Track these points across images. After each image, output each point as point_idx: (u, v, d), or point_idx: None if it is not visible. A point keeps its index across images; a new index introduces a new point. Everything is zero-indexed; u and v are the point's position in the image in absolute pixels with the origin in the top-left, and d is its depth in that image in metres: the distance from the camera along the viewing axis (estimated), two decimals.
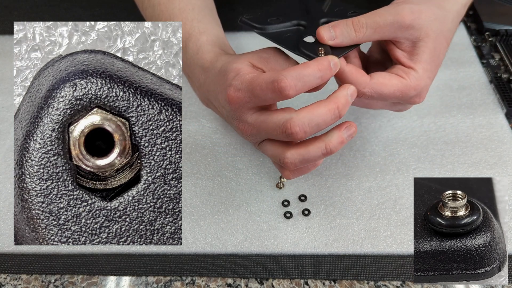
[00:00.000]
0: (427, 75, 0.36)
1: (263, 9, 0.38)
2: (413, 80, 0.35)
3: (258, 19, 0.37)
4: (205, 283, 0.39)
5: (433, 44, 0.35)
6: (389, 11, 0.34)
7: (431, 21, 0.35)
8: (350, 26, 0.34)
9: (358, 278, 0.38)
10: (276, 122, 0.32)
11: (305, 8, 0.38)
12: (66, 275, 0.39)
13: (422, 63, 0.35)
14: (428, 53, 0.35)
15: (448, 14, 0.37)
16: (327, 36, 0.34)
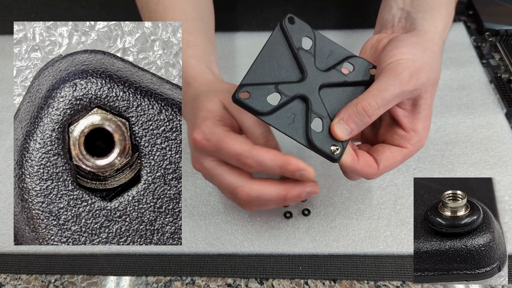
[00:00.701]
0: (427, 130, 0.36)
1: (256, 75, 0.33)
2: (416, 144, 0.35)
3: (256, 99, 0.32)
4: (205, 283, 0.39)
5: (431, 97, 0.36)
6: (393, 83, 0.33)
7: (428, 75, 0.35)
8: (363, 113, 0.33)
9: (358, 278, 0.38)
10: (229, 183, 0.34)
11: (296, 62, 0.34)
12: (66, 275, 0.39)
13: (423, 121, 0.35)
14: (428, 109, 0.35)
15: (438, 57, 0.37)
16: (343, 135, 0.33)
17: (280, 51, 0.34)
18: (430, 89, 0.35)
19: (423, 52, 0.36)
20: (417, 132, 0.35)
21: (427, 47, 0.37)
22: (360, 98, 0.33)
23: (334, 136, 0.32)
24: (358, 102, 0.33)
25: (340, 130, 0.33)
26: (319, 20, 0.63)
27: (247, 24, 0.63)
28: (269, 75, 0.33)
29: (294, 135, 0.32)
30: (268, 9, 0.65)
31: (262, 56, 0.33)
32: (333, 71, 0.35)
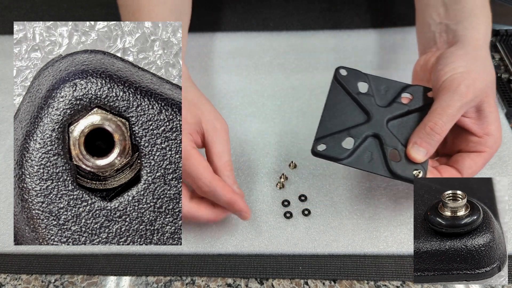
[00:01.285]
0: (500, 130, 0.37)
1: (327, 127, 0.37)
2: (494, 146, 0.37)
3: (332, 148, 0.36)
4: (205, 283, 0.39)
5: (493, 99, 0.37)
6: (454, 98, 0.35)
7: (484, 81, 0.36)
8: (432, 133, 0.35)
9: (358, 278, 0.38)
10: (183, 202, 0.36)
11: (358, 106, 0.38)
12: (66, 275, 0.39)
13: (494, 123, 0.37)
14: (493, 110, 0.37)
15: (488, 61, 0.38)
16: (420, 157, 0.35)
17: (341, 101, 0.38)
18: (490, 92, 0.37)
19: (473, 61, 0.37)
20: (491, 135, 0.37)
21: (476, 55, 0.38)
22: (426, 120, 0.36)
23: (413, 161, 0.35)
24: (425, 124, 0.36)
25: (416, 153, 0.35)
26: (319, 20, 0.63)
27: (247, 24, 0.63)
28: (338, 124, 0.37)
29: (377, 171, 0.35)
30: (268, 9, 0.65)
31: (326, 109, 0.38)
32: (394, 105, 0.38)
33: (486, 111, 0.37)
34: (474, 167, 0.37)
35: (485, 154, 0.37)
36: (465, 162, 0.37)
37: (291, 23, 0.63)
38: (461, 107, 0.35)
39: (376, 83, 0.39)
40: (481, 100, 0.36)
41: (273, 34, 0.61)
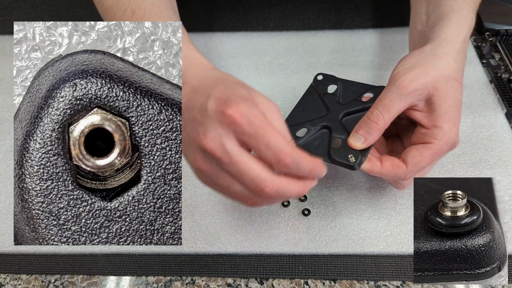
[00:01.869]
0: (452, 124, 0.37)
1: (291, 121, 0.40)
2: (442, 138, 0.37)
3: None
4: (205, 283, 0.39)
5: (445, 93, 0.37)
6: (391, 90, 0.37)
7: (431, 75, 0.37)
8: (369, 122, 0.37)
9: (358, 278, 0.38)
10: (256, 175, 0.31)
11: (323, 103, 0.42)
12: (66, 275, 0.39)
13: (443, 116, 0.37)
14: (445, 105, 0.37)
15: (447, 57, 0.38)
16: (358, 144, 0.37)
17: (310, 100, 0.43)
18: (441, 86, 0.37)
19: (424, 57, 0.38)
20: (439, 127, 0.37)
21: (432, 52, 0.38)
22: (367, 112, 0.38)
23: (351, 146, 0.37)
24: (365, 115, 0.38)
25: (354, 140, 0.37)
26: (319, 20, 0.63)
27: (247, 24, 0.63)
28: (301, 118, 0.41)
29: (318, 154, 0.37)
30: (268, 9, 0.65)
31: (296, 106, 0.42)
32: (354, 102, 0.41)
33: (436, 104, 0.37)
34: (419, 157, 0.37)
35: (432, 145, 0.37)
36: (411, 152, 0.37)
37: (291, 23, 0.63)
38: (397, 99, 0.36)
39: (344, 86, 0.42)
40: (429, 94, 0.37)
41: (273, 34, 0.61)
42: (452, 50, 0.39)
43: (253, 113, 0.31)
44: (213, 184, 0.34)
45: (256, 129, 0.31)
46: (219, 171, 0.32)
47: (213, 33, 0.62)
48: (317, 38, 0.60)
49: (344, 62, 0.57)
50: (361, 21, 0.62)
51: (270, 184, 0.31)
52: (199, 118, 0.32)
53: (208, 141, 0.31)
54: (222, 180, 0.32)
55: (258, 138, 0.31)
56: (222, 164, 0.31)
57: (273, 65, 0.57)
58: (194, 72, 0.36)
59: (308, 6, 0.65)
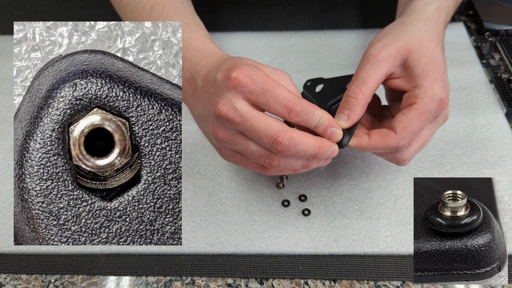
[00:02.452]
0: (433, 79, 0.36)
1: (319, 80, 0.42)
2: (425, 95, 0.35)
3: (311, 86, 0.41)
4: (205, 283, 0.39)
5: (419, 53, 0.36)
6: (363, 62, 0.37)
7: (402, 40, 0.37)
8: (349, 99, 0.36)
9: (358, 278, 0.38)
10: (268, 126, 0.32)
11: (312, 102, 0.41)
12: (66, 275, 0.39)
13: (421, 75, 0.36)
14: (421, 64, 0.36)
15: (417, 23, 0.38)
16: (343, 122, 0.36)
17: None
18: (414, 48, 0.36)
19: (394, 27, 0.38)
20: (419, 86, 0.36)
21: (401, 22, 0.39)
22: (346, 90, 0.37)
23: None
24: (344, 94, 0.37)
25: (337, 119, 0.36)
26: (318, 20, 0.63)
27: (247, 24, 0.63)
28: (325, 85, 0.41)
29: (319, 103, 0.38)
30: (268, 9, 0.65)
31: None
32: (338, 92, 0.39)
33: (412, 66, 0.36)
34: (406, 120, 0.35)
35: (416, 105, 0.35)
36: (397, 118, 0.36)
37: (291, 23, 0.63)
38: (371, 68, 0.36)
39: (330, 83, 0.42)
40: (403, 58, 0.36)
41: (273, 34, 0.61)
42: (421, 16, 0.39)
43: (256, 73, 0.33)
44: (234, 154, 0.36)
45: (262, 85, 0.32)
46: (235, 134, 0.34)
47: (213, 33, 0.61)
48: (317, 38, 0.60)
49: (344, 62, 0.57)
50: (361, 21, 0.62)
51: (282, 133, 0.32)
52: (212, 91, 0.34)
53: (221, 106, 0.33)
54: (239, 143, 0.34)
55: (265, 94, 0.32)
56: (235, 124, 0.33)
57: (273, 65, 0.57)
58: (210, 60, 0.38)
59: (308, 6, 0.65)
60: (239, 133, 0.34)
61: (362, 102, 0.35)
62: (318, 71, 0.56)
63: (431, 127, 0.38)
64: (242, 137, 0.34)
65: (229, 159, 0.36)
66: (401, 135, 0.35)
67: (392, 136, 0.35)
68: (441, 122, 0.38)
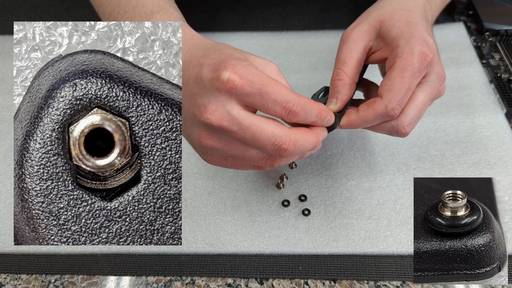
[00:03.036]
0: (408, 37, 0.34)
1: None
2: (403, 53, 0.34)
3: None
4: (205, 283, 0.39)
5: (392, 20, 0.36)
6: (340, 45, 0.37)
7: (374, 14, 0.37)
8: (333, 82, 0.36)
9: (358, 278, 0.38)
10: (271, 133, 0.30)
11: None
12: (66, 275, 0.39)
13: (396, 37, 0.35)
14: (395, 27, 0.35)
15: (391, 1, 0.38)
16: (332, 105, 0.36)
17: None
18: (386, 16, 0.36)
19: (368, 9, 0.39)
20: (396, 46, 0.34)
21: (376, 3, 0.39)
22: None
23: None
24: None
25: (329, 105, 0.36)
26: (318, 20, 0.63)
27: (247, 24, 0.63)
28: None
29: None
30: (268, 9, 0.65)
31: None
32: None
33: (386, 33, 0.35)
34: (389, 81, 0.33)
35: (395, 64, 0.33)
36: (381, 83, 0.34)
37: (291, 23, 0.63)
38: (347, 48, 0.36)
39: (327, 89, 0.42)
40: (376, 30, 0.36)
41: (273, 34, 0.61)
42: None
43: (251, 72, 0.29)
44: (224, 159, 0.33)
45: (259, 87, 0.29)
46: (230, 141, 0.31)
47: (213, 33, 0.62)
48: (317, 38, 0.60)
49: None
50: None
51: (287, 140, 0.30)
52: (196, 91, 0.31)
53: (211, 113, 0.29)
54: (235, 150, 0.31)
55: (263, 96, 0.29)
56: (232, 133, 0.30)
57: None
58: (185, 47, 0.35)
59: (308, 6, 0.65)
60: (234, 140, 0.31)
61: (347, 81, 0.35)
62: (318, 71, 0.56)
63: (425, 87, 0.35)
64: (239, 144, 0.31)
65: (218, 164, 0.34)
66: (386, 97, 0.33)
67: (378, 101, 0.34)
68: (436, 80, 0.35)
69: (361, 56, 0.36)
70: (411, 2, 0.38)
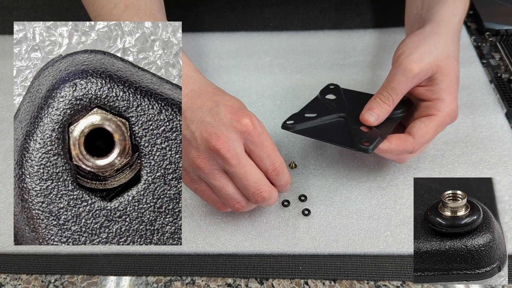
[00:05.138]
0: (453, 97, 0.39)
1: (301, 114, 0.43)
2: (444, 110, 0.39)
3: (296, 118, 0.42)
4: (205, 283, 0.39)
5: (447, 70, 0.39)
6: (397, 72, 0.39)
7: (433, 55, 0.39)
8: (380, 103, 0.39)
9: (358, 278, 0.38)
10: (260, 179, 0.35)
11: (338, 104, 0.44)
12: (66, 275, 0.39)
13: (445, 90, 0.39)
14: (446, 80, 0.39)
15: (446, 36, 0.41)
16: (371, 118, 0.39)
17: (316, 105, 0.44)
18: (443, 64, 0.39)
19: (425, 37, 0.40)
20: (441, 100, 0.39)
21: (432, 31, 0.41)
22: (377, 92, 0.40)
23: (364, 122, 0.39)
24: (375, 96, 0.40)
25: (368, 116, 0.39)
26: (319, 20, 0.63)
27: (247, 24, 0.63)
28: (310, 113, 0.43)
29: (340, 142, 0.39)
30: (268, 9, 0.65)
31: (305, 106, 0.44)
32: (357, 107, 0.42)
33: (438, 80, 0.39)
34: (425, 129, 0.39)
35: (436, 117, 0.39)
36: (416, 125, 0.39)
37: (291, 23, 0.63)
38: (405, 81, 0.39)
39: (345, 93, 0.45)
40: (432, 72, 0.39)
41: (273, 34, 0.61)
42: (450, 30, 0.41)
43: (261, 125, 0.36)
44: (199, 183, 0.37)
45: (263, 140, 0.35)
46: (219, 171, 0.36)
47: (213, 33, 0.62)
48: (317, 38, 0.60)
49: (344, 62, 0.57)
50: (361, 21, 0.62)
51: (267, 189, 0.36)
52: (211, 121, 0.35)
53: (222, 142, 0.34)
54: (218, 180, 0.36)
55: (263, 148, 0.35)
56: (228, 165, 0.34)
57: (273, 65, 0.57)
58: (192, 76, 0.38)
59: (308, 6, 0.65)
60: (223, 171, 0.36)
61: (390, 109, 0.40)
62: (318, 71, 0.56)
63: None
64: (225, 176, 0.36)
65: (191, 185, 0.37)
66: (418, 141, 0.38)
67: (410, 141, 0.38)
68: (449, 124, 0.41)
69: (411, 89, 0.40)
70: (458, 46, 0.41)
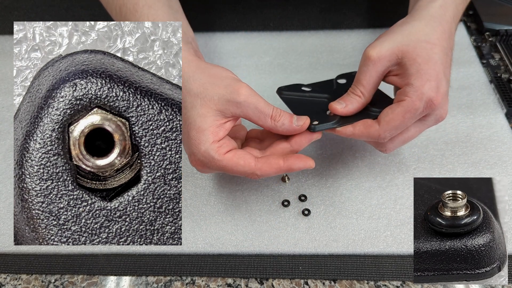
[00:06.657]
0: (424, 80, 0.36)
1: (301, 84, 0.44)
2: (413, 95, 0.36)
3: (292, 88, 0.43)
4: (205, 283, 0.39)
5: (414, 54, 0.37)
6: (361, 63, 0.39)
7: (399, 41, 0.38)
8: (349, 93, 0.39)
9: (358, 278, 0.38)
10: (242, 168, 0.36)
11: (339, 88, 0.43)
12: (66, 275, 0.39)
13: (414, 75, 0.37)
14: (415, 64, 0.37)
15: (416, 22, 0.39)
16: (339, 107, 0.39)
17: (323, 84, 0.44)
18: (410, 49, 0.37)
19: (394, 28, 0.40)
20: (410, 85, 0.37)
21: (402, 22, 0.40)
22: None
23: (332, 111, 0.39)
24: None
25: (336, 103, 0.39)
26: (319, 20, 0.63)
27: (247, 24, 0.63)
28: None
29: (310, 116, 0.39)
30: (268, 9, 0.65)
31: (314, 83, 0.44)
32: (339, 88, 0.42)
33: (407, 65, 0.37)
34: (391, 115, 0.37)
35: (403, 102, 0.36)
36: (384, 111, 0.37)
37: (291, 23, 0.63)
38: (367, 70, 0.38)
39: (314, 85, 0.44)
40: (398, 58, 0.37)
41: (273, 34, 0.61)
42: (423, 16, 0.39)
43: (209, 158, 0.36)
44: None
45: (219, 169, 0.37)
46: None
47: (213, 33, 0.62)
48: (317, 38, 0.60)
49: (344, 62, 0.57)
50: (361, 21, 0.62)
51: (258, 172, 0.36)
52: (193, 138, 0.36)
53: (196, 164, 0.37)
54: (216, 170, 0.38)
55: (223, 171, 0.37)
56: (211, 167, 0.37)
57: (273, 65, 0.57)
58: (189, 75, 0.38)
59: (308, 6, 0.65)
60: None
61: (360, 100, 0.39)
62: (318, 71, 0.56)
63: (419, 125, 0.39)
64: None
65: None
66: (383, 128, 0.37)
67: (375, 128, 0.37)
68: (433, 122, 0.39)
69: (379, 80, 0.39)
70: (439, 29, 0.39)
